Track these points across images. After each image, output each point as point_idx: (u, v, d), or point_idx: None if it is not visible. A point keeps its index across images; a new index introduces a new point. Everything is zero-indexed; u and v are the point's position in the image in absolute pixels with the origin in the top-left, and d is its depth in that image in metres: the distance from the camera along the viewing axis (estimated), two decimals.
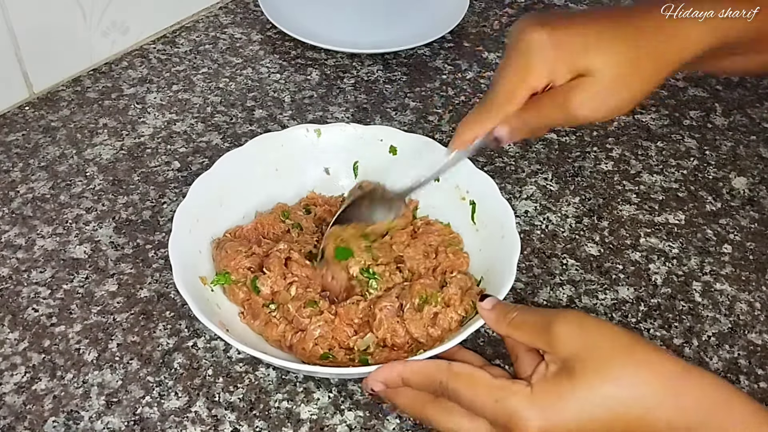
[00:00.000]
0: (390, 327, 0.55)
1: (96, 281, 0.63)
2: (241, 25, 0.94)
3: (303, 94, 0.84)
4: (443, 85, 0.86)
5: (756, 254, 0.68)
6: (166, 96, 0.82)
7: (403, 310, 0.56)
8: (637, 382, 0.41)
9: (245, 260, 0.59)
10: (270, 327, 0.57)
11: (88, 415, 0.54)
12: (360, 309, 0.56)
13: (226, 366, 0.58)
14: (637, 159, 0.77)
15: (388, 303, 0.56)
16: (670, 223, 0.71)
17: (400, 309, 0.56)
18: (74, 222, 0.68)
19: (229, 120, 0.80)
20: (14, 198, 0.70)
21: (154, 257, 0.65)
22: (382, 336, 0.55)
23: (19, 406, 0.55)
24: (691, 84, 0.88)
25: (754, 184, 0.75)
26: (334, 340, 0.56)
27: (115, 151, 0.75)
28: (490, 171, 0.70)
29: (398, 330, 0.55)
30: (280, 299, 0.58)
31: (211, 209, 0.62)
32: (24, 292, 0.62)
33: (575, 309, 0.45)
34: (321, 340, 0.55)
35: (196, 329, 0.60)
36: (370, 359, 0.55)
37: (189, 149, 0.76)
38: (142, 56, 0.88)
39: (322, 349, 0.55)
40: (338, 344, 0.56)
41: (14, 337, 0.59)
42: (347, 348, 0.56)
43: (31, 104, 0.80)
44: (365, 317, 0.56)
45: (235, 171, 0.63)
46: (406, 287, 0.57)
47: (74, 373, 0.57)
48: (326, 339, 0.55)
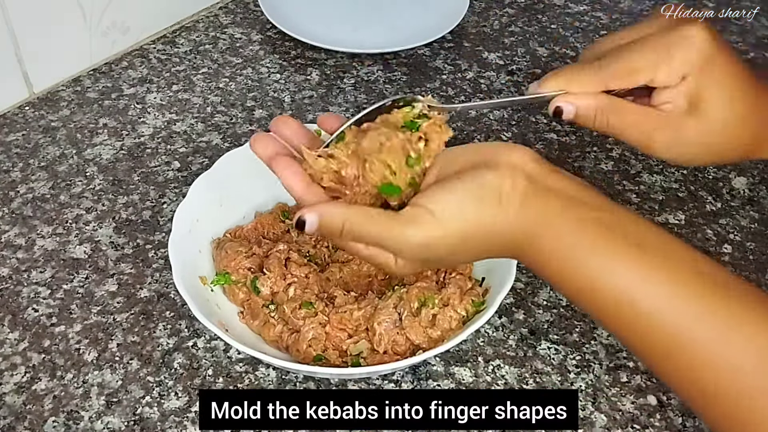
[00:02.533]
0: (390, 339, 0.55)
1: (96, 281, 0.63)
2: (241, 25, 0.94)
3: (303, 94, 0.84)
4: (443, 85, 0.86)
5: (756, 254, 0.68)
6: (166, 96, 0.82)
7: (401, 319, 0.56)
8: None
9: (245, 261, 0.59)
10: (268, 327, 0.57)
11: (88, 415, 0.54)
12: (354, 318, 0.56)
13: (226, 366, 0.58)
14: (637, 159, 0.77)
15: (387, 316, 0.55)
16: (670, 223, 0.71)
17: (398, 319, 0.56)
18: (74, 222, 0.68)
19: (229, 120, 0.80)
20: (14, 198, 0.70)
21: (154, 257, 0.65)
22: (383, 350, 0.55)
23: (19, 406, 0.55)
24: None
25: (754, 184, 0.75)
26: (328, 342, 0.56)
27: (115, 151, 0.75)
28: None
29: (399, 340, 0.55)
30: (277, 300, 0.58)
31: (211, 209, 0.62)
32: (24, 292, 0.62)
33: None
34: (314, 342, 0.55)
35: (196, 329, 0.60)
36: (363, 363, 0.55)
37: (189, 149, 0.76)
38: (142, 56, 0.88)
39: (315, 351, 0.55)
40: (332, 346, 0.56)
41: (14, 337, 0.59)
42: (341, 350, 0.56)
43: (31, 104, 0.80)
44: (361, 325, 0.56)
45: (235, 171, 0.63)
46: (404, 294, 0.57)
47: (74, 373, 0.57)
48: (320, 341, 0.55)
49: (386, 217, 0.45)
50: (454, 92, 0.85)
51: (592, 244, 0.43)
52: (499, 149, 0.46)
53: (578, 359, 0.58)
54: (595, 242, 0.43)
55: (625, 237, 0.43)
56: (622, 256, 0.42)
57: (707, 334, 0.40)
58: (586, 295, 0.44)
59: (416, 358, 0.52)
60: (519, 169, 0.45)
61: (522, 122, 0.81)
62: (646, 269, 0.42)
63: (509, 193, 0.44)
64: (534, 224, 0.44)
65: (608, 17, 0.97)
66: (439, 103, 0.51)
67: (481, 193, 0.44)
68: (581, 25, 0.96)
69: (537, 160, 0.46)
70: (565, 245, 0.43)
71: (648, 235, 0.44)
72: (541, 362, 0.58)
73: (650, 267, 0.42)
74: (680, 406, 0.56)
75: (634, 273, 0.42)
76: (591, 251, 0.43)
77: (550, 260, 0.44)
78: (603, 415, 0.55)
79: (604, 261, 0.42)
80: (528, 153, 0.46)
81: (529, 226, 0.44)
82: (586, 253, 0.43)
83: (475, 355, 0.59)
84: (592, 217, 0.43)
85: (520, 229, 0.44)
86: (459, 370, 0.58)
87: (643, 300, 0.41)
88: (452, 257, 0.47)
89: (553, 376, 0.57)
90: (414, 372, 0.57)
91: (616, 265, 0.42)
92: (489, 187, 0.44)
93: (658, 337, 0.42)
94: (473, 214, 0.44)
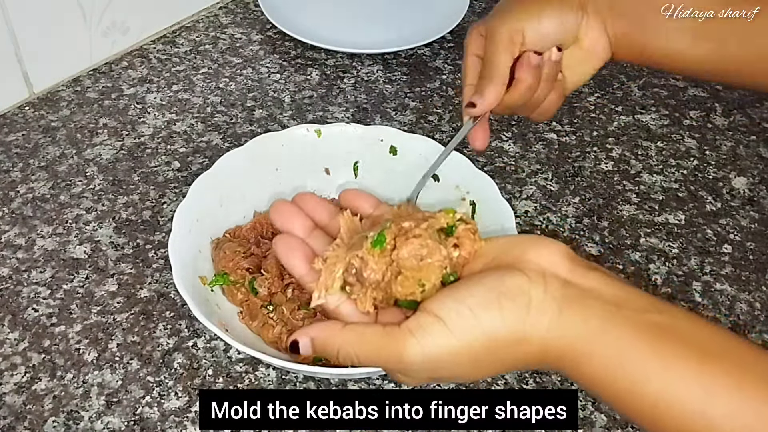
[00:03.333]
0: None
1: (96, 281, 0.63)
2: (241, 25, 0.94)
3: (303, 94, 0.84)
4: (443, 85, 0.86)
5: (756, 254, 0.68)
6: (166, 96, 0.82)
7: None
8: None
9: (243, 261, 0.59)
10: (267, 328, 0.57)
11: (88, 415, 0.54)
12: None
13: (226, 366, 0.58)
14: (637, 159, 0.77)
15: None
16: (670, 223, 0.71)
17: None
18: (74, 222, 0.68)
19: (229, 120, 0.80)
20: (14, 198, 0.70)
21: (154, 257, 0.65)
22: None
23: (19, 406, 0.55)
24: (691, 84, 0.88)
25: (754, 184, 0.75)
26: None
27: (115, 151, 0.75)
28: (490, 171, 0.70)
29: None
30: (276, 300, 0.58)
31: (211, 209, 0.62)
32: (24, 292, 0.62)
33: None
34: None
35: (196, 329, 0.60)
36: None
37: (189, 149, 0.76)
38: (142, 56, 0.88)
39: None
40: None
41: (14, 337, 0.59)
42: None
43: (31, 104, 0.80)
44: None
45: (235, 171, 0.63)
46: None
47: (74, 373, 0.57)
48: None
49: (380, 337, 0.41)
50: (454, 92, 0.85)
51: (651, 350, 0.38)
52: (528, 247, 0.42)
53: None
54: (653, 348, 0.38)
55: (684, 340, 0.38)
56: (683, 362, 0.38)
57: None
58: (648, 412, 0.38)
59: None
60: (551, 273, 0.40)
61: (522, 122, 0.81)
62: (708, 378, 0.37)
63: (541, 301, 0.39)
64: (576, 336, 0.39)
65: None
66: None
67: (505, 300, 0.39)
68: None
69: (572, 259, 0.41)
70: (616, 354, 0.38)
71: (710, 336, 0.39)
72: None
73: (713, 375, 0.37)
74: None
75: (697, 384, 0.37)
76: (649, 359, 0.38)
77: (596, 372, 0.39)
78: (603, 415, 0.55)
79: (664, 369, 0.38)
80: (560, 250, 0.41)
81: (569, 338, 0.39)
82: (643, 363, 0.38)
83: None
84: (645, 320, 0.39)
85: (556, 342, 0.39)
86: None
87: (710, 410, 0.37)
88: (466, 374, 0.42)
89: (553, 376, 0.57)
90: None
91: (680, 374, 0.37)
92: (515, 293, 0.39)
93: None
94: (492, 323, 0.39)
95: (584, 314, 0.39)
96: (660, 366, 0.38)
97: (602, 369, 0.39)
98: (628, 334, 0.38)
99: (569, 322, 0.39)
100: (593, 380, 0.39)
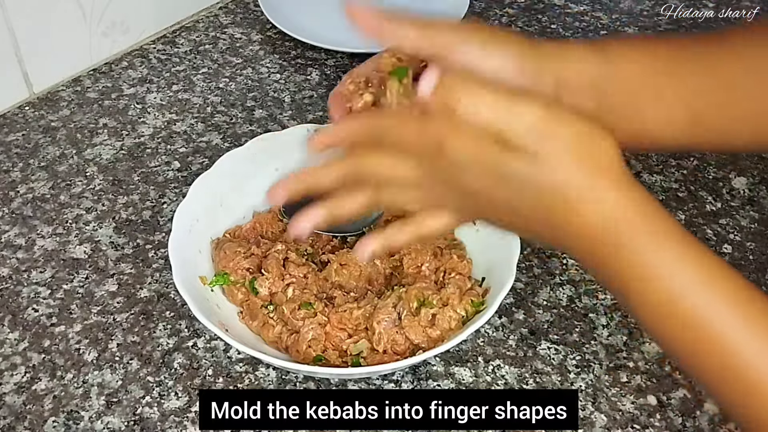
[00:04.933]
0: (390, 338, 0.55)
1: (96, 281, 0.63)
2: (241, 25, 0.94)
3: (303, 94, 0.84)
4: None
5: (756, 254, 0.68)
6: (166, 96, 0.82)
7: (401, 318, 0.56)
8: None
9: (244, 261, 0.59)
10: (267, 328, 0.57)
11: (88, 415, 0.54)
12: (354, 317, 0.56)
13: (226, 366, 0.58)
14: (637, 159, 0.77)
15: (386, 315, 0.55)
16: None
17: (398, 318, 0.56)
18: (74, 222, 0.68)
19: (229, 120, 0.80)
20: (14, 198, 0.70)
21: (154, 257, 0.65)
22: (382, 349, 0.55)
23: (19, 406, 0.55)
24: None
25: (754, 184, 0.75)
26: (327, 343, 0.56)
27: (115, 151, 0.75)
28: None
29: (398, 339, 0.55)
30: (276, 300, 0.58)
31: (210, 209, 0.62)
32: (24, 292, 0.62)
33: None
34: (314, 342, 0.55)
35: (196, 329, 0.60)
36: (363, 363, 0.55)
37: (189, 149, 0.76)
38: (142, 56, 0.88)
39: (315, 351, 0.55)
40: (332, 347, 0.56)
41: (14, 337, 0.59)
42: (341, 350, 0.56)
43: (31, 104, 0.80)
44: (360, 324, 0.56)
45: (235, 171, 0.64)
46: (403, 294, 0.57)
47: (74, 373, 0.57)
48: (319, 341, 0.55)
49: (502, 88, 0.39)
50: None
51: (703, 271, 0.40)
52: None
53: (578, 359, 0.58)
54: (701, 271, 0.40)
55: (734, 277, 0.40)
56: (732, 292, 0.40)
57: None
58: (679, 328, 0.40)
59: (416, 358, 0.52)
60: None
61: None
62: (752, 314, 0.39)
63: (622, 165, 0.39)
64: (644, 215, 0.39)
65: (608, 17, 0.97)
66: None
67: (591, 148, 0.39)
68: (581, 25, 0.96)
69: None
70: (670, 258, 0.40)
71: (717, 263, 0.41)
72: (541, 362, 0.58)
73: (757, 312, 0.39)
74: (680, 405, 0.56)
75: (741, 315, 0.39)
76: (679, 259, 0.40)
77: (641, 260, 0.40)
78: (603, 415, 0.55)
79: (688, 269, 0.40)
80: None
81: (638, 212, 0.39)
82: (691, 279, 0.39)
83: (475, 355, 0.59)
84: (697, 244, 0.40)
85: (625, 212, 0.39)
86: (459, 370, 0.58)
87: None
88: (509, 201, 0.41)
89: (553, 376, 0.57)
90: (414, 372, 0.57)
91: (725, 298, 0.39)
92: (601, 148, 0.39)
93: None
94: (574, 161, 0.38)
95: (654, 209, 0.40)
96: (706, 287, 0.39)
97: (648, 266, 0.39)
98: (691, 251, 0.40)
99: (630, 198, 0.39)
100: (631, 264, 0.40)
